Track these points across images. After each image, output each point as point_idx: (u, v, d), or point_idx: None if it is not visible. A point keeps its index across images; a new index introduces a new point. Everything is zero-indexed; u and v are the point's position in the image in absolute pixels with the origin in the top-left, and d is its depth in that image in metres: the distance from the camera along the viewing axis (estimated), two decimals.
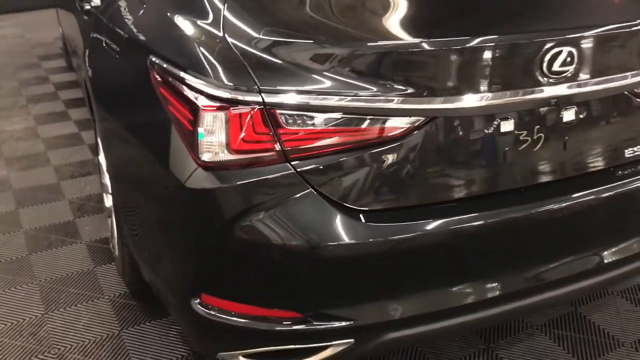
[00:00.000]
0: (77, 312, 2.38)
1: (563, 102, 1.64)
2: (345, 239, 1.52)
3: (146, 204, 1.88)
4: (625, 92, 1.76)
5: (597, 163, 1.80)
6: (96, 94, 2.27)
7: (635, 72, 1.74)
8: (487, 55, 1.55)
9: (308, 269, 1.55)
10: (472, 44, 1.54)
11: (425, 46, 1.54)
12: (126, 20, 2.03)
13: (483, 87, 1.56)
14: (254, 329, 1.62)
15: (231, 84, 1.46)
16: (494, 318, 1.85)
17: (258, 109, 1.45)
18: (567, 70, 1.60)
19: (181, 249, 1.67)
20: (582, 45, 1.61)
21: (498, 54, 1.56)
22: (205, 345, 1.81)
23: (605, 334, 2.33)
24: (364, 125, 1.51)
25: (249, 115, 1.45)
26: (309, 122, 1.48)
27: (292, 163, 1.49)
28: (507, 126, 1.62)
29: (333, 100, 1.47)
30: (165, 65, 1.62)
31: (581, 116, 1.71)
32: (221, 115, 1.45)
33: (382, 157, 1.53)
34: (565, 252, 1.78)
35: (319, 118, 1.48)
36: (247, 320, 1.62)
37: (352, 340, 1.66)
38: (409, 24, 1.64)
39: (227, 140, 1.46)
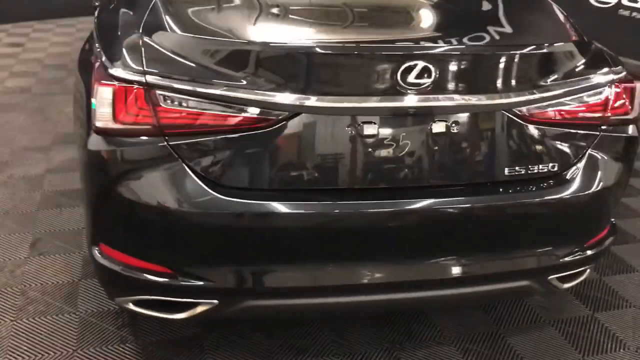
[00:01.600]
0: (52, 260, 2.77)
1: (423, 113, 1.80)
2: (203, 208, 1.77)
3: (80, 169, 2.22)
4: (503, 111, 1.88)
5: (470, 177, 1.92)
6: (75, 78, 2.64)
7: (512, 92, 1.86)
8: (347, 60, 1.77)
9: (170, 230, 1.81)
10: (333, 49, 1.76)
11: (292, 48, 1.77)
12: (100, 16, 2.40)
13: (343, 90, 1.76)
14: (137, 279, 1.90)
15: (124, 66, 1.76)
16: (347, 308, 2.02)
17: (141, 88, 1.73)
18: (425, 83, 1.75)
19: (86, 204, 1.98)
20: (441, 62, 1.76)
21: (358, 61, 1.76)
22: (107, 291, 2.11)
23: (515, 356, 2.38)
24: (233, 113, 1.75)
25: (133, 93, 1.74)
26: (184, 104, 1.75)
27: (166, 137, 1.76)
28: (371, 129, 1.80)
29: (207, 88, 1.73)
30: (98, 50, 1.96)
31: (454, 130, 1.85)
32: (109, 90, 1.75)
33: (246, 142, 1.77)
34: (410, 257, 1.92)
35: (193, 102, 1.74)
36: (131, 270, 1.89)
37: (216, 301, 1.89)
38: (285, 27, 1.87)
39: (113, 112, 1.76)
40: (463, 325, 2.52)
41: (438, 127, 1.83)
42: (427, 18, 2.01)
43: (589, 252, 2.14)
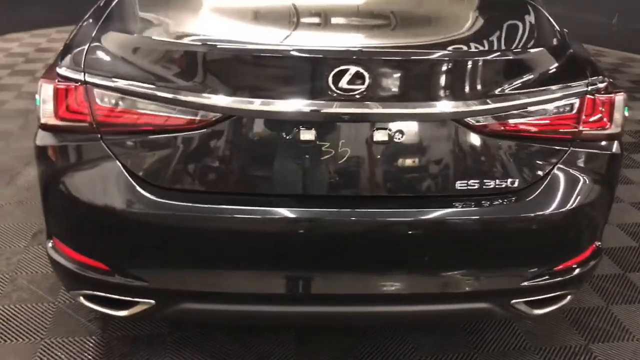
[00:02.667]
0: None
1: (359, 120, 1.72)
2: (133, 207, 1.77)
3: None
4: (453, 121, 1.76)
5: (415, 189, 1.82)
6: None
7: (461, 101, 1.74)
8: (279, 64, 1.72)
9: (105, 228, 1.82)
10: (265, 52, 1.73)
11: (225, 50, 1.74)
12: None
13: (276, 94, 1.71)
14: (80, 274, 1.92)
15: (67, 64, 1.79)
16: (281, 317, 1.96)
17: (80, 86, 1.76)
18: (358, 89, 1.67)
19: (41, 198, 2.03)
20: (375, 67, 1.68)
21: (290, 64, 1.71)
22: (63, 284, 2.15)
23: None
24: (168, 114, 1.74)
25: (72, 91, 1.77)
26: (121, 103, 1.75)
27: (102, 135, 1.77)
28: (308, 135, 1.73)
29: (142, 88, 1.73)
30: (60, 52, 2.01)
31: (397, 139, 1.75)
32: (49, 86, 1.78)
33: (179, 143, 1.76)
34: (349, 269, 1.83)
35: (129, 101, 1.75)
36: (76, 265, 1.92)
37: (153, 301, 1.89)
38: (220, 30, 1.84)
39: (55, 108, 1.79)
40: (438, 346, 2.39)
41: (379, 136, 1.74)
42: (375, 22, 1.92)
43: (561, 277, 1.97)
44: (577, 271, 2.00)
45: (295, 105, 1.70)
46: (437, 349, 2.38)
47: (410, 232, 1.80)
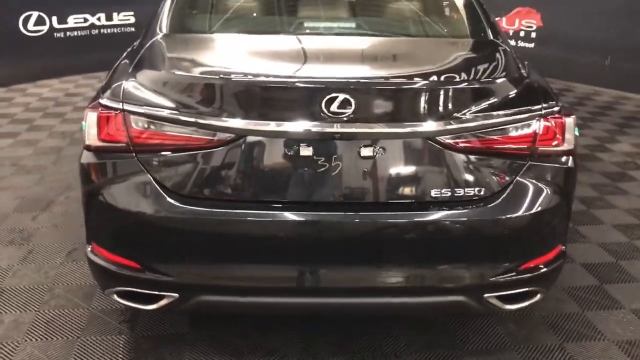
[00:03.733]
0: (81, 266, 3.21)
1: (348, 138, 2.08)
2: (165, 214, 2.13)
3: None
4: (426, 139, 2.12)
5: (396, 196, 2.16)
6: None
7: (430, 122, 2.10)
8: (284, 92, 2.11)
9: (137, 231, 2.18)
10: (271, 82, 2.12)
11: (238, 82, 2.14)
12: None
13: (279, 117, 2.09)
14: (115, 273, 2.27)
15: (108, 96, 2.18)
16: (294, 308, 2.28)
17: (118, 113, 2.15)
18: (346, 113, 2.04)
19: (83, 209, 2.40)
20: (359, 94, 2.05)
21: (292, 93, 2.10)
22: (99, 283, 2.49)
23: None
24: (191, 135, 2.12)
25: (113, 117, 2.15)
26: (152, 127, 2.14)
27: (137, 154, 2.15)
28: (307, 151, 2.10)
29: (169, 114, 2.11)
30: (101, 84, 2.41)
31: (380, 154, 2.11)
32: (94, 114, 2.17)
33: (200, 158, 2.13)
34: (344, 264, 2.17)
35: (159, 125, 2.13)
36: (110, 265, 2.27)
37: (177, 294, 2.23)
38: (234, 66, 2.23)
39: (97, 132, 2.17)
40: (426, 343, 2.69)
41: (364, 151, 2.10)
42: (362, 57, 2.30)
43: (527, 275, 2.28)
44: (542, 270, 2.31)
45: (295, 126, 2.07)
46: (427, 346, 2.67)
47: (391, 234, 2.13)
